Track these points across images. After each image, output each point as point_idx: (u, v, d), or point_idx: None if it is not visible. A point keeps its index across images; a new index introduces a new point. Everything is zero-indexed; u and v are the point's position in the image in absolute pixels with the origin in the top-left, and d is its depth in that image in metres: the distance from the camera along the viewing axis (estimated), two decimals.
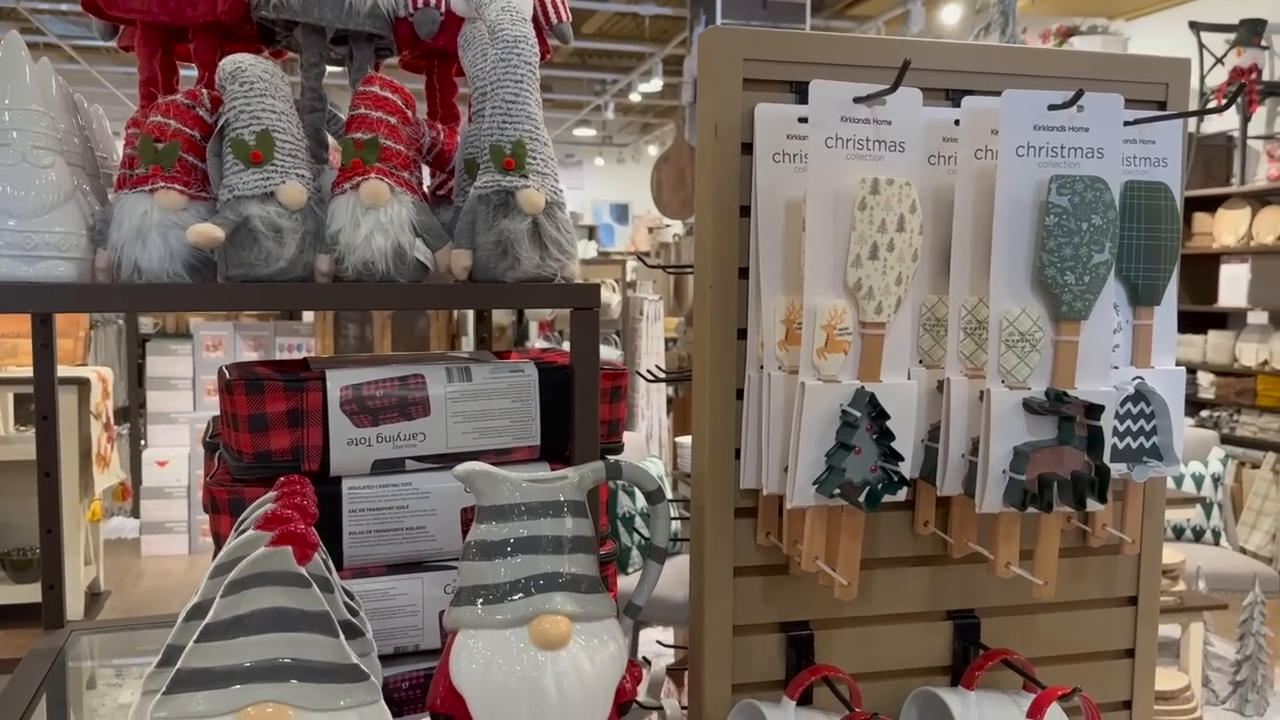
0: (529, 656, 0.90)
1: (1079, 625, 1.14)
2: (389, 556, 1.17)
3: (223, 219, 1.06)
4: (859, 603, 1.07)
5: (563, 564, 0.93)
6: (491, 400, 1.17)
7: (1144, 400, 1.04)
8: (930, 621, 1.09)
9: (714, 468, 1.02)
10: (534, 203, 1.10)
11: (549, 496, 0.94)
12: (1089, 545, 1.12)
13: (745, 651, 1.04)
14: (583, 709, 0.90)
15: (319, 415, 1.12)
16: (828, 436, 0.92)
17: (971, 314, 0.96)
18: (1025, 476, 0.92)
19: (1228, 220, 6.27)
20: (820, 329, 0.90)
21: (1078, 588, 1.13)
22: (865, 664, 1.07)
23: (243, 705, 0.83)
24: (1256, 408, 6.03)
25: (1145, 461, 1.05)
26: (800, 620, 1.06)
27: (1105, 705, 1.15)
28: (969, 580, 1.09)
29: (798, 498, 0.92)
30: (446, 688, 0.92)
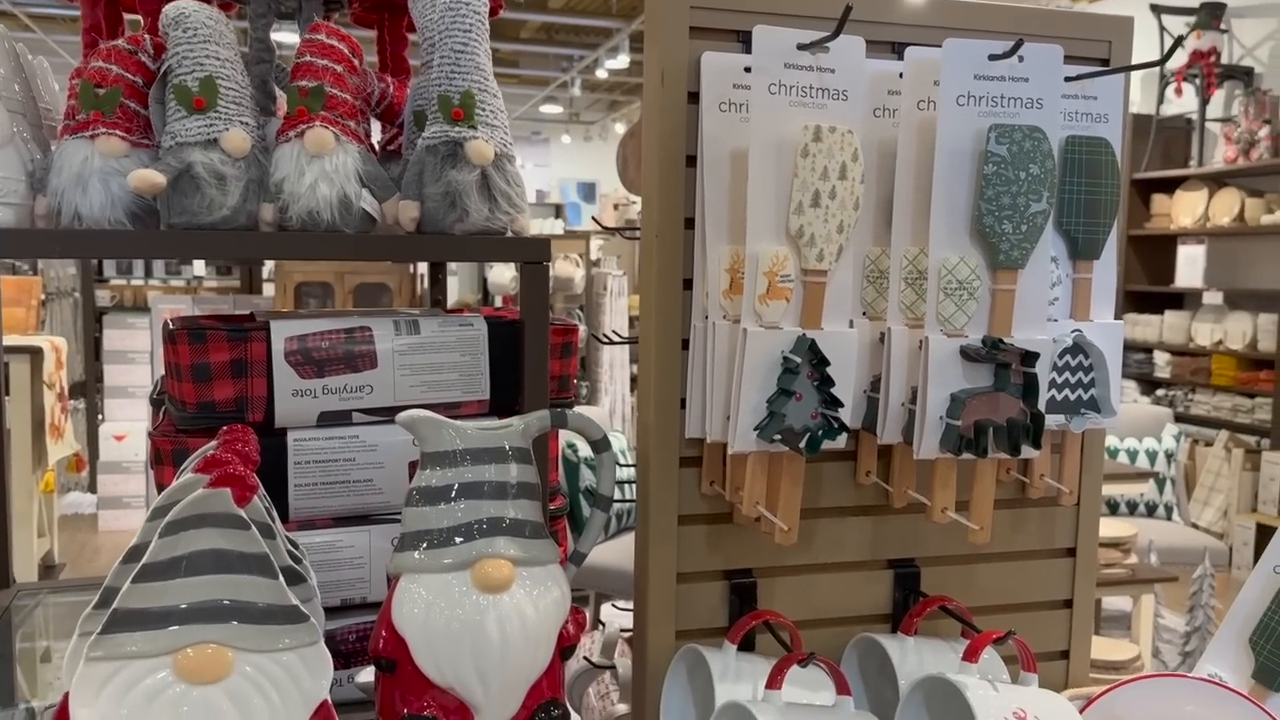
0: (471, 600, 0.90)
1: (1018, 576, 1.16)
2: (336, 509, 1.16)
3: (165, 165, 1.05)
4: (801, 551, 1.08)
5: (506, 509, 0.93)
6: (440, 354, 1.17)
7: (1082, 353, 1.06)
8: (871, 570, 1.11)
9: (659, 418, 1.02)
10: (482, 154, 1.09)
11: (493, 443, 0.94)
12: (1028, 497, 1.13)
13: (689, 599, 1.05)
14: (524, 652, 0.91)
15: (263, 366, 1.11)
16: (769, 383, 0.92)
17: (912, 264, 0.97)
18: (961, 422, 0.93)
19: (1185, 202, 6.36)
20: (762, 275, 0.90)
21: (1017, 539, 1.15)
22: (807, 611, 1.09)
23: (181, 646, 0.83)
24: (1210, 387, 6.13)
25: (1083, 413, 1.06)
26: (743, 568, 1.07)
27: (1043, 655, 1.18)
28: (910, 530, 1.11)
29: (739, 443, 0.93)
30: (388, 632, 0.92)
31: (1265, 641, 1.14)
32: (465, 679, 0.90)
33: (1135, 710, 1.13)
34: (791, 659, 0.94)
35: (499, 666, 0.90)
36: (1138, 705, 1.13)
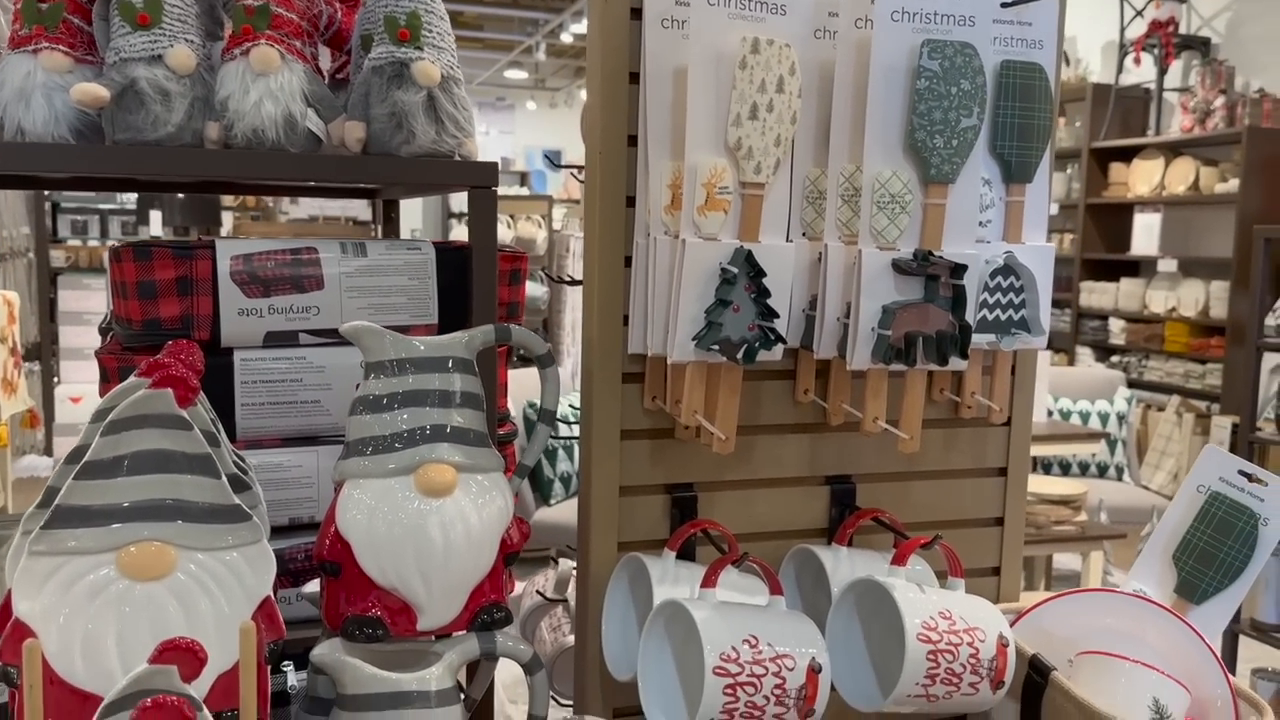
0: (414, 504, 0.92)
1: (951, 493, 1.19)
2: (284, 430, 1.18)
3: (109, 80, 1.05)
4: (741, 466, 1.11)
5: (450, 417, 0.95)
6: (387, 277, 1.18)
7: (1013, 274, 1.09)
8: (809, 486, 1.14)
9: (602, 334, 1.04)
10: (429, 75, 1.10)
11: (436, 353, 0.96)
12: (961, 417, 1.17)
13: (631, 511, 1.08)
14: (467, 557, 0.93)
15: (209, 284, 1.12)
16: (707, 294, 0.95)
17: (849, 181, 0.99)
18: (892, 333, 0.96)
19: (1142, 170, 6.45)
20: (700, 187, 0.92)
21: (950, 457, 1.18)
22: (747, 525, 1.12)
23: (124, 543, 0.84)
24: (1164, 353, 6.25)
25: (1013, 333, 1.10)
26: (685, 482, 1.09)
27: (975, 571, 1.22)
28: (846, 447, 1.14)
29: (678, 353, 0.95)
30: (333, 537, 0.93)
31: (1187, 557, 1.19)
32: (408, 581, 0.92)
33: (1062, 623, 1.17)
34: (726, 560, 0.97)
35: (441, 569, 0.92)
36: (1065, 619, 1.17)
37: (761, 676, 0.90)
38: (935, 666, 0.94)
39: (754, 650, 0.90)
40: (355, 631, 0.93)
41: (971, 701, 0.99)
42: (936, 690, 0.95)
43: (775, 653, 0.91)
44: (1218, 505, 1.18)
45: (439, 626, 0.94)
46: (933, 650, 0.94)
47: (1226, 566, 1.17)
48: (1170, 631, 1.15)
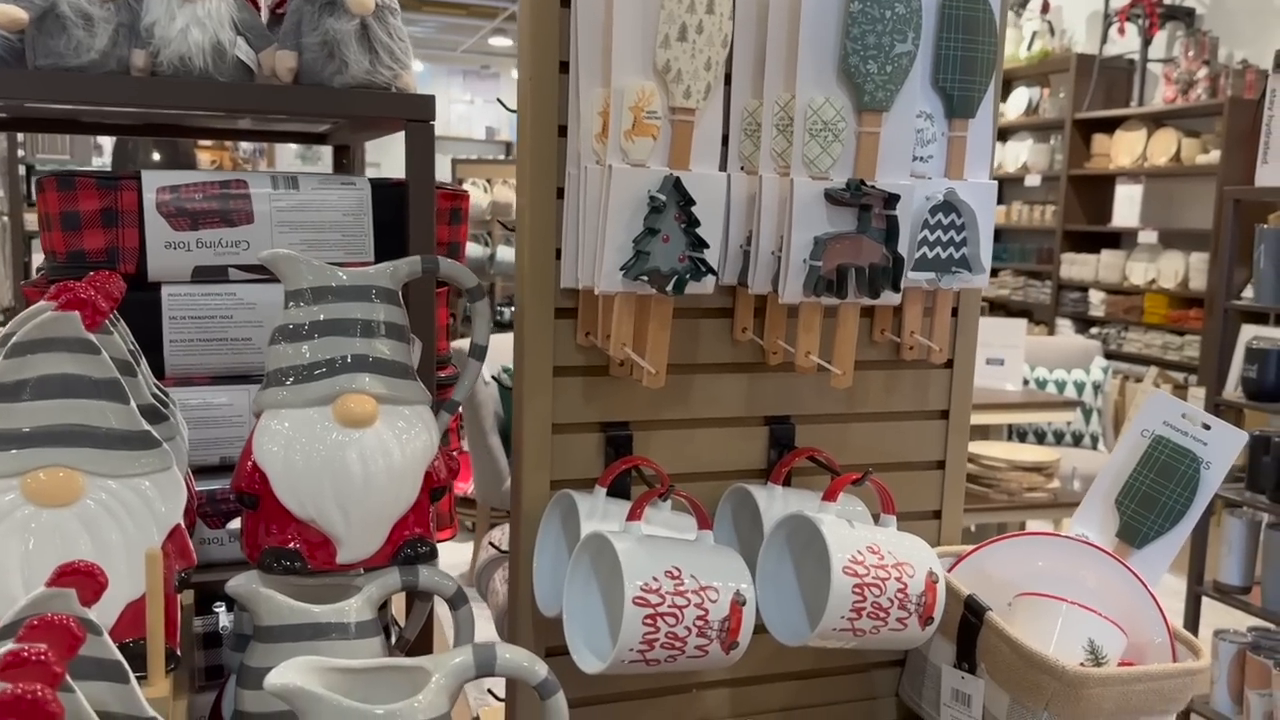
0: (333, 435, 0.90)
1: (891, 436, 1.18)
2: (214, 367, 1.16)
3: (28, 3, 1.02)
4: (677, 405, 1.09)
5: (372, 347, 0.93)
6: (320, 212, 1.16)
7: (954, 211, 1.07)
8: (748, 426, 1.13)
9: (534, 268, 1.02)
10: (362, 2, 1.07)
11: (358, 282, 0.94)
12: (902, 358, 1.15)
13: (564, 449, 1.06)
14: (388, 488, 0.91)
15: (134, 216, 1.10)
16: (635, 223, 0.93)
17: (784, 110, 0.97)
18: (823, 265, 0.95)
19: (1125, 142, 6.43)
20: (627, 110, 0.90)
21: (891, 399, 1.17)
22: (684, 465, 1.10)
23: (29, 469, 0.82)
24: (1143, 325, 6.25)
25: (954, 271, 1.08)
26: (620, 421, 1.08)
27: (916, 514, 1.21)
28: (785, 387, 1.13)
29: (605, 283, 0.93)
30: (250, 468, 0.92)
31: (1130, 501, 1.18)
32: (326, 512, 0.90)
33: (1002, 567, 1.16)
34: (651, 493, 0.96)
35: (360, 501, 0.90)
36: (1005, 562, 1.16)
37: (683, 608, 0.88)
38: (861, 600, 0.93)
39: (676, 582, 0.89)
40: (272, 564, 0.91)
41: (900, 637, 0.98)
42: (863, 624, 0.94)
43: (698, 584, 0.90)
44: (1161, 449, 1.17)
45: (360, 559, 0.93)
46: (859, 584, 0.93)
47: (1168, 510, 1.16)
48: (1110, 575, 1.14)
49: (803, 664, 1.19)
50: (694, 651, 0.90)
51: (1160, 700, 1.04)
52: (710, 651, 0.91)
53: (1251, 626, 2.63)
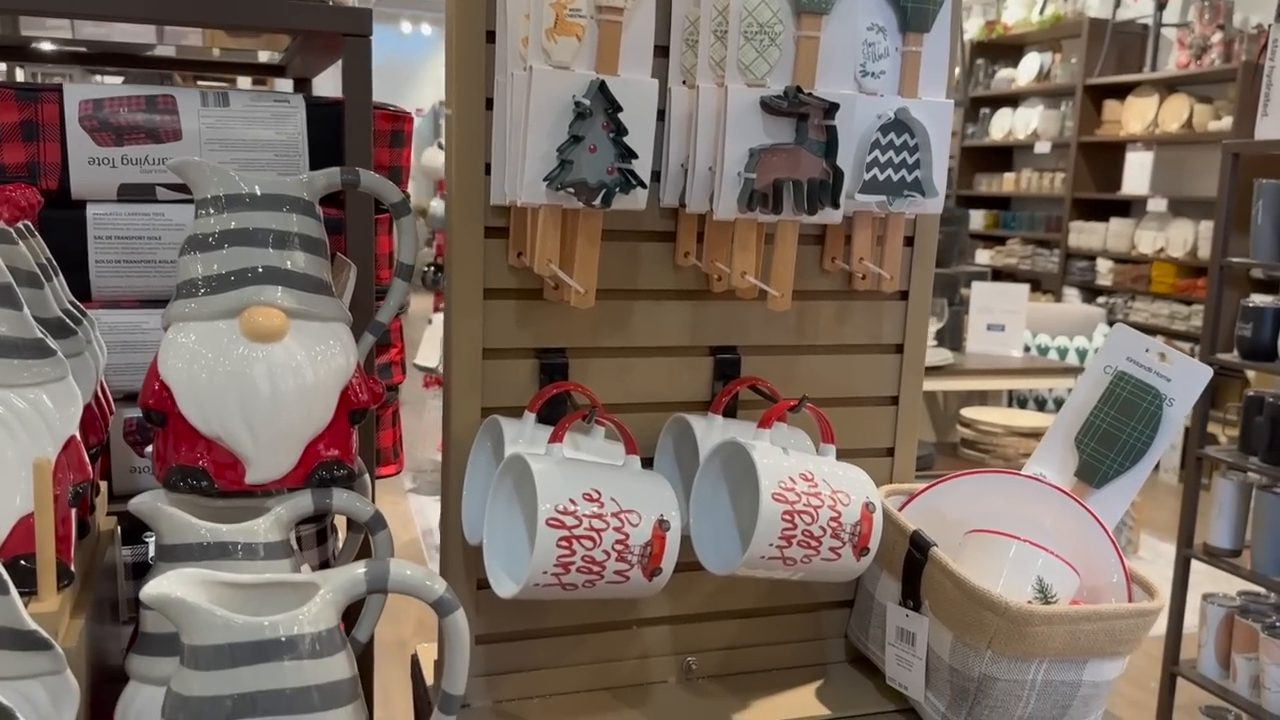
0: (239, 349, 0.86)
1: (843, 369, 1.14)
2: (142, 290, 1.12)
3: None
4: (616, 333, 1.05)
5: (284, 259, 0.89)
6: (252, 130, 1.11)
7: (907, 131, 1.02)
8: (692, 357, 1.08)
9: (461, 183, 0.98)
10: None
11: (271, 190, 0.90)
12: (854, 289, 1.11)
13: (496, 374, 1.02)
14: (297, 407, 0.88)
15: (56, 130, 1.06)
16: (560, 129, 0.88)
17: (722, 15, 0.92)
18: (758, 178, 0.90)
19: (1136, 108, 6.32)
20: (549, 7, 0.86)
21: (842, 331, 1.13)
22: (624, 395, 1.06)
23: None
24: (1150, 294, 6.17)
25: (906, 195, 1.03)
26: (555, 348, 1.04)
27: (868, 451, 1.17)
28: (731, 317, 1.08)
29: (527, 193, 0.89)
30: (156, 383, 0.88)
31: (1089, 440, 1.14)
32: (233, 430, 0.87)
33: (956, 505, 1.12)
34: (574, 416, 0.92)
35: (268, 419, 0.87)
36: (959, 500, 1.12)
37: (601, 531, 0.85)
38: (791, 527, 0.89)
39: (595, 504, 0.85)
40: (179, 482, 0.88)
41: (834, 567, 0.94)
42: (794, 553, 0.90)
43: (619, 508, 0.86)
44: (1123, 385, 1.13)
45: (270, 480, 0.89)
46: (789, 511, 0.89)
47: (1128, 448, 1.12)
48: (1066, 515, 1.10)
49: (747, 602, 1.15)
50: (614, 577, 0.87)
51: (1111, 641, 1.00)
52: (631, 578, 0.87)
53: (1241, 591, 2.59)
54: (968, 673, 0.98)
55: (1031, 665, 0.98)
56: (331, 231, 1.15)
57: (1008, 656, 0.97)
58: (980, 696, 0.98)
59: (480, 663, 1.07)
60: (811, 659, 1.18)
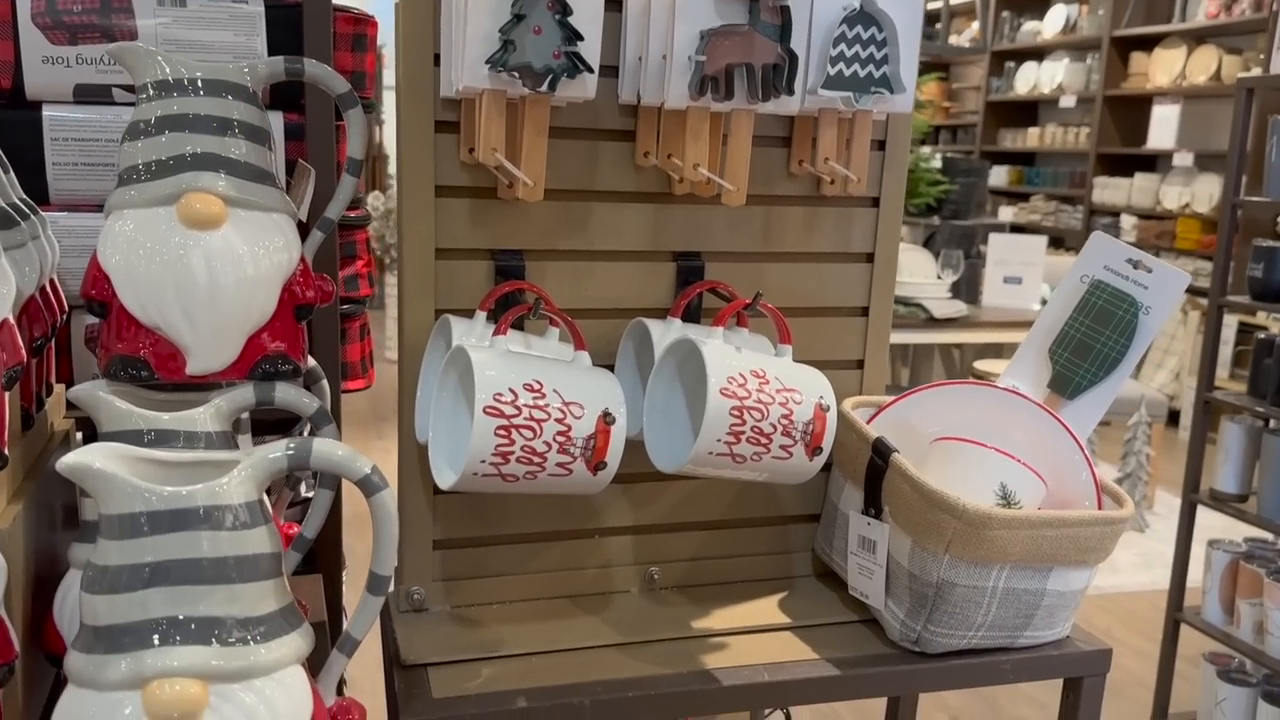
0: (176, 237, 0.85)
1: (811, 278, 1.11)
2: (100, 194, 1.11)
3: None
4: (575, 235, 1.03)
5: (223, 146, 0.87)
6: (210, 31, 1.09)
7: (874, 24, 0.99)
8: (654, 262, 1.06)
9: (410, 75, 0.96)
10: None
11: (211, 76, 0.88)
12: (823, 195, 1.08)
13: (450, 276, 1.00)
14: (236, 296, 0.86)
15: (9, 27, 1.04)
16: (502, 9, 0.86)
17: None
18: (708, 60, 0.87)
19: (1163, 60, 6.18)
20: None
21: (811, 238, 1.10)
22: (583, 300, 1.04)
23: None
24: (1174, 250, 6.06)
25: (873, 91, 1.00)
26: (513, 249, 1.02)
27: (837, 363, 1.14)
28: (694, 221, 1.06)
29: (468, 76, 0.87)
30: (97, 272, 0.87)
31: (1064, 350, 1.11)
32: (171, 319, 0.85)
33: (925, 418, 1.10)
34: (519, 309, 0.90)
35: (207, 307, 0.85)
36: (929, 413, 1.10)
37: (542, 421, 0.83)
38: (740, 423, 0.87)
39: (535, 395, 0.83)
40: (119, 372, 0.87)
41: (786, 466, 0.92)
42: (743, 450, 0.89)
43: (561, 400, 0.85)
44: (1099, 294, 1.10)
45: (211, 371, 0.88)
46: (738, 406, 0.87)
47: (1102, 358, 1.09)
48: (1037, 426, 1.07)
49: (713, 514, 1.14)
50: (556, 469, 0.85)
51: (1076, 549, 0.98)
52: (575, 471, 0.86)
53: (1247, 538, 2.55)
54: (926, 578, 0.97)
55: (991, 571, 0.96)
56: (293, 137, 1.15)
57: (966, 561, 0.95)
58: (938, 603, 0.97)
59: (438, 568, 1.06)
60: (777, 572, 1.17)
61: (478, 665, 0.97)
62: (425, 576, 1.05)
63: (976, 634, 0.99)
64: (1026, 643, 1.03)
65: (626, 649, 1.01)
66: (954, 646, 1.00)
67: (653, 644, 1.02)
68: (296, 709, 0.69)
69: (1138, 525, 4.24)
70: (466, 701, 0.90)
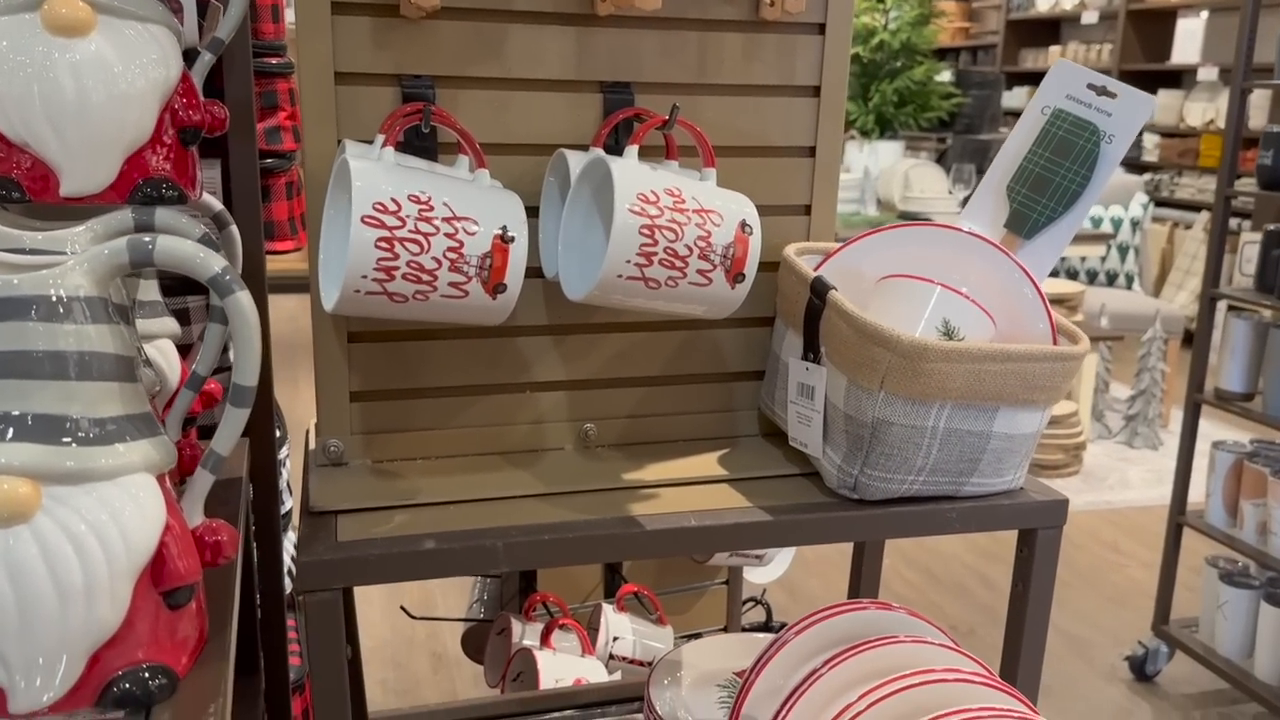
0: (40, 45, 0.79)
1: (752, 114, 1.04)
2: None
3: None
4: (490, 61, 0.96)
5: None
6: None
7: None
8: (579, 93, 0.99)
9: None
10: None
11: None
12: (763, 19, 1.01)
13: (352, 103, 0.94)
14: (109, 110, 0.80)
15: None
16: None
17: None
18: None
19: None
20: None
21: (751, 69, 1.03)
22: (502, 134, 0.98)
23: None
24: (1197, 169, 5.90)
25: None
26: (421, 75, 0.95)
27: (782, 208, 1.08)
28: (622, 48, 0.99)
29: None
30: None
31: (1021, 186, 1.03)
32: (39, 134, 0.80)
33: (876, 264, 1.03)
34: (403, 110, 0.84)
35: (76, 121, 0.80)
36: (880, 259, 1.03)
37: (430, 235, 0.77)
38: (652, 244, 0.81)
39: (421, 207, 0.78)
40: None
41: (707, 294, 0.86)
42: (656, 273, 0.83)
43: (451, 213, 0.79)
44: (1059, 124, 1.02)
45: (86, 193, 0.82)
46: (648, 225, 0.81)
47: (1061, 191, 1.01)
48: (991, 266, 1.00)
49: (652, 368, 1.08)
50: (449, 290, 0.79)
51: (1023, 387, 0.92)
52: (471, 293, 0.80)
53: (1253, 439, 2.48)
54: (861, 418, 0.91)
55: (931, 410, 0.90)
56: None
57: (902, 398, 0.89)
58: (874, 444, 0.91)
59: (357, 420, 1.01)
60: (720, 431, 1.11)
61: (390, 513, 0.92)
62: (343, 429, 1.01)
63: (918, 479, 0.93)
64: (973, 490, 0.97)
65: (551, 499, 0.96)
66: (894, 493, 0.94)
67: (579, 494, 0.97)
68: (145, 519, 0.64)
69: (1151, 443, 4.16)
70: (371, 544, 0.86)
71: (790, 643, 0.94)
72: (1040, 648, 1.02)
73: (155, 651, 0.66)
